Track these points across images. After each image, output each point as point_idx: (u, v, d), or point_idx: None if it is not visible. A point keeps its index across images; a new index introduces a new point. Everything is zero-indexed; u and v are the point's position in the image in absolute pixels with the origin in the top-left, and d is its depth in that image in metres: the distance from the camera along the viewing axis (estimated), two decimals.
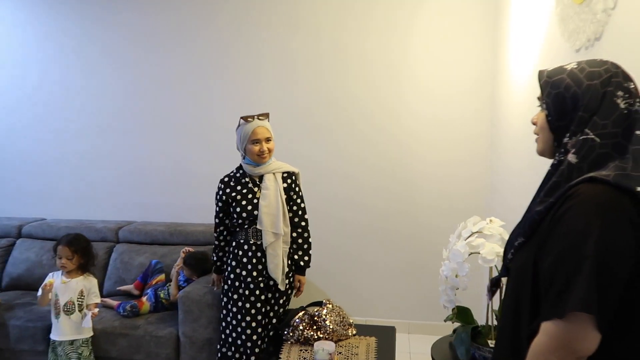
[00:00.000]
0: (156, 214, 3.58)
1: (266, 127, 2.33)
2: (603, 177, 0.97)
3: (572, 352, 0.94)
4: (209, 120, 3.50)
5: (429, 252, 3.32)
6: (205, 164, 3.52)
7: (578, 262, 0.93)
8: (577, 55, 1.73)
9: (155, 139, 3.58)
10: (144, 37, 3.51)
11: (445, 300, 1.71)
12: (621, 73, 1.05)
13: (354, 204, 3.38)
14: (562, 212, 0.99)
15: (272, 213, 2.31)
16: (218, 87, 3.46)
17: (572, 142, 1.05)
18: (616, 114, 1.01)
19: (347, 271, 3.41)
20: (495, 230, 1.73)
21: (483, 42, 3.16)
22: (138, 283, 2.98)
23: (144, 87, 3.55)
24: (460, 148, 3.26)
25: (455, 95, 3.23)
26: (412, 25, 3.22)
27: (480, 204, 3.25)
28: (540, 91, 1.17)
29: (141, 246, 3.28)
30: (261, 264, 2.33)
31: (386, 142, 3.32)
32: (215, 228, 2.48)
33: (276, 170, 2.38)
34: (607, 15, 1.48)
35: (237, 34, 3.40)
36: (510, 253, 1.17)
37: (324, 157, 3.37)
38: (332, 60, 3.32)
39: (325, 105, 3.36)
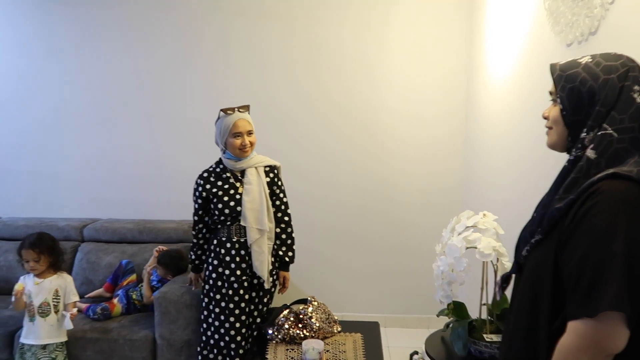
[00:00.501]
0: (123, 210, 3.41)
1: (247, 119, 2.25)
2: (626, 173, 0.96)
3: (602, 350, 0.93)
4: (177, 113, 3.35)
5: (405, 248, 3.34)
6: (175, 158, 3.38)
7: (607, 260, 0.92)
8: (569, 49, 1.74)
9: (120, 133, 3.40)
10: (110, 27, 3.31)
11: (442, 295, 1.69)
12: (637, 67, 1.04)
13: (329, 200, 3.34)
14: (586, 209, 0.98)
15: (256, 209, 2.23)
16: (189, 80, 3.32)
17: (589, 138, 1.04)
18: (633, 108, 1.01)
19: (322, 268, 3.37)
20: (489, 225, 1.73)
21: (458, 40, 3.17)
22: (108, 285, 2.82)
23: (110, 78, 3.36)
24: (435, 144, 3.27)
25: (431, 92, 3.23)
26: (388, 20, 3.19)
27: (456, 200, 3.28)
28: (553, 85, 1.15)
29: (109, 245, 3.11)
30: (245, 262, 2.24)
31: (361, 138, 3.29)
32: (194, 226, 2.37)
33: (258, 164, 2.30)
34: (605, 9, 1.49)
35: (208, 24, 3.27)
36: (526, 250, 1.15)
37: (297, 152, 3.30)
38: (307, 54, 3.25)
39: (298, 100, 3.29)
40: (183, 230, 3.10)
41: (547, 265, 1.06)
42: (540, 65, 1.99)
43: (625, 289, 0.90)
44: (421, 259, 3.31)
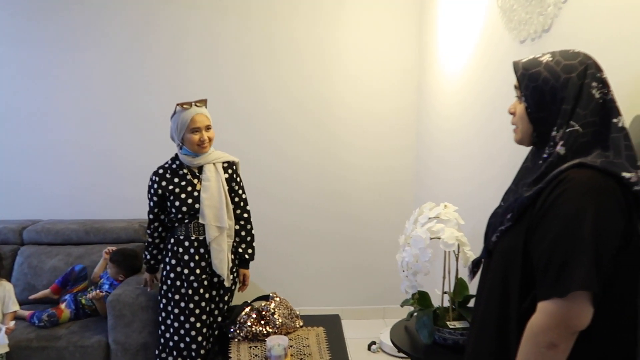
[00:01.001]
0: (67, 210, 3.22)
1: (205, 114, 2.18)
2: (591, 163, 1.02)
3: (570, 327, 0.99)
4: (127, 106, 3.20)
5: (360, 242, 3.38)
6: (124, 153, 3.23)
7: (576, 243, 0.98)
8: (522, 46, 1.82)
9: (63, 126, 3.20)
10: (59, 18, 3.11)
11: (408, 285, 1.73)
12: (594, 64, 1.10)
13: (285, 196, 3.32)
14: (555, 196, 1.03)
15: (214, 206, 2.18)
16: (140, 72, 3.18)
17: (559, 135, 1.09)
18: (593, 103, 1.06)
19: (279, 264, 3.35)
20: (451, 215, 1.78)
21: (410, 36, 3.23)
22: (56, 287, 2.65)
23: (55, 69, 3.15)
24: (389, 139, 3.32)
25: (383, 87, 3.27)
26: (340, 15, 3.20)
27: (409, 194, 3.36)
28: (517, 82, 1.19)
29: (52, 247, 2.93)
30: (204, 260, 2.19)
31: (317, 133, 3.29)
32: (149, 224, 2.28)
33: (216, 160, 2.24)
34: (558, 8, 1.57)
35: (162, 17, 3.13)
36: (495, 236, 1.20)
37: (253, 148, 3.25)
38: (261, 48, 3.20)
39: (253, 94, 3.23)
40: (134, 230, 2.97)
41: (517, 250, 1.11)
42: (494, 61, 2.06)
43: (593, 270, 0.96)
44: (376, 252, 3.37)
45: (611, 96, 1.07)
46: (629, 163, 1.02)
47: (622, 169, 1.01)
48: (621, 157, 1.02)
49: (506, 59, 1.94)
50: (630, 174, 1.01)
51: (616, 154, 1.03)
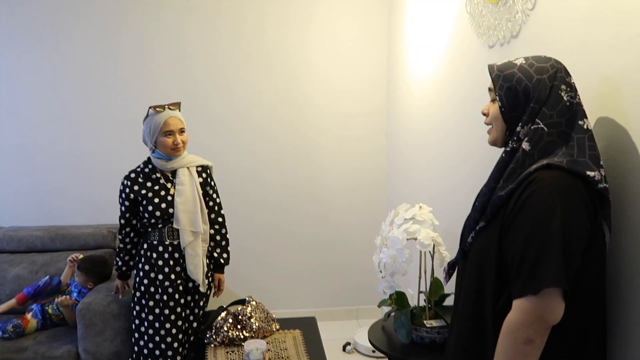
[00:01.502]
0: (30, 216, 3.11)
1: (179, 117, 2.16)
2: (558, 164, 1.08)
3: (545, 323, 1.03)
4: (95, 108, 3.12)
5: (332, 243, 3.40)
6: (90, 156, 3.15)
7: (546, 242, 1.03)
8: (492, 51, 1.88)
9: (25, 128, 3.09)
10: (27, 20, 3.01)
11: (385, 286, 1.75)
12: (563, 69, 1.16)
13: (257, 198, 3.30)
14: (526, 197, 1.08)
15: (189, 210, 2.15)
16: (107, 73, 3.10)
17: (524, 131, 1.15)
18: (560, 105, 1.12)
19: (252, 266, 3.33)
20: (426, 216, 1.82)
21: (378, 39, 3.28)
22: (23, 296, 2.54)
23: (19, 68, 3.05)
24: (360, 142, 3.36)
25: (353, 89, 3.31)
26: (308, 16, 3.21)
27: (380, 196, 3.40)
28: (492, 83, 1.23)
29: (15, 255, 2.82)
30: (179, 265, 2.16)
31: (287, 135, 3.29)
32: (121, 230, 2.23)
33: (190, 164, 2.22)
34: (526, 15, 1.63)
35: (129, 17, 3.08)
36: (471, 237, 1.24)
37: (224, 149, 3.22)
38: (230, 50, 3.18)
39: (223, 96, 3.21)
40: (102, 235, 2.89)
41: (492, 249, 1.16)
42: (464, 64, 2.12)
43: (562, 267, 1.01)
44: (348, 253, 3.40)
45: (578, 100, 1.13)
46: (592, 162, 1.08)
47: (587, 168, 1.07)
48: (585, 156, 1.08)
49: (476, 63, 2.00)
50: (594, 172, 1.07)
51: (580, 153, 1.09)
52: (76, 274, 2.55)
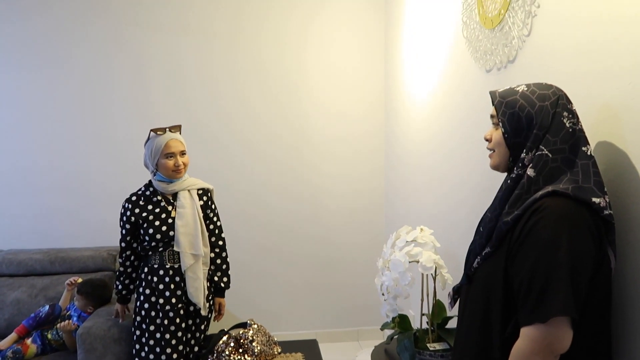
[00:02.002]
0: (29, 238, 3.10)
1: (180, 139, 2.18)
2: (563, 191, 1.09)
3: (553, 352, 1.03)
4: (94, 130, 3.14)
5: (332, 264, 3.40)
6: (89, 178, 3.15)
7: (553, 270, 1.03)
8: (489, 75, 1.91)
9: (25, 151, 3.10)
10: (24, 42, 3.04)
11: (388, 309, 1.75)
12: (564, 96, 1.18)
13: (258, 219, 3.31)
14: (532, 224, 1.09)
15: (190, 233, 2.16)
16: (106, 96, 3.13)
17: (529, 158, 1.16)
18: (563, 132, 1.14)
19: (253, 288, 3.32)
20: (427, 239, 1.83)
21: (376, 61, 3.33)
22: (23, 329, 2.48)
23: (18, 91, 3.07)
24: (358, 163, 3.38)
25: (351, 111, 3.34)
26: (306, 38, 3.26)
27: (379, 217, 3.41)
28: (494, 109, 1.25)
29: (14, 279, 2.81)
30: (180, 289, 2.15)
31: (286, 155, 3.31)
32: (121, 253, 2.23)
33: (191, 186, 2.23)
34: (522, 41, 1.66)
35: (125, 37, 3.12)
36: (477, 262, 1.24)
37: (223, 171, 3.24)
38: (228, 72, 3.22)
39: (222, 118, 3.23)
40: (102, 258, 2.89)
41: (498, 275, 1.16)
42: (461, 88, 2.15)
43: (570, 295, 1.01)
44: (349, 274, 3.40)
45: (580, 126, 1.15)
46: (597, 188, 1.09)
47: (592, 195, 1.08)
48: (590, 182, 1.09)
49: (473, 86, 2.03)
50: (599, 198, 1.08)
51: (585, 179, 1.10)
52: (76, 298, 2.53)
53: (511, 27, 1.71)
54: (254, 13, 3.20)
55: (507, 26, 1.73)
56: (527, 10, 1.60)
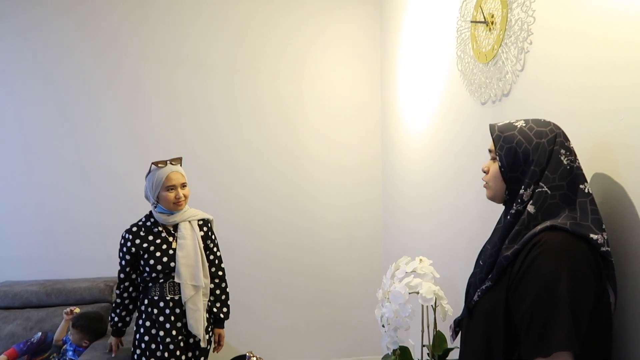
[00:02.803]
0: (25, 270, 3.08)
1: (181, 172, 2.20)
2: (562, 226, 1.11)
3: None
4: (89, 160, 3.15)
5: (330, 296, 3.39)
6: (86, 208, 3.15)
7: (554, 304, 1.04)
8: (484, 107, 1.95)
9: (19, 182, 3.10)
10: (17, 72, 3.08)
11: (389, 342, 1.74)
12: (562, 134, 1.21)
13: (253, 251, 3.30)
14: (531, 258, 1.11)
15: (190, 264, 2.16)
16: (100, 127, 3.15)
17: (527, 194, 1.18)
18: (561, 169, 1.17)
19: (252, 321, 3.29)
20: (427, 270, 1.83)
21: (372, 91, 3.39)
22: (13, 352, 2.47)
23: (12, 122, 3.09)
24: (356, 193, 3.40)
25: (348, 141, 3.38)
26: (303, 69, 3.31)
27: (377, 247, 3.42)
28: (492, 143, 1.29)
29: (9, 312, 2.78)
30: (180, 321, 2.14)
31: (283, 187, 3.33)
32: (119, 284, 2.23)
33: (192, 217, 2.24)
34: (516, 76, 1.71)
35: (118, 69, 3.15)
36: (477, 295, 1.25)
37: (219, 202, 3.23)
38: (223, 102, 3.25)
39: (217, 150, 3.26)
40: (99, 289, 2.87)
41: (499, 309, 1.17)
42: (457, 120, 2.20)
43: (572, 329, 1.03)
44: (347, 305, 3.38)
45: (578, 164, 1.18)
46: (595, 226, 1.11)
47: (590, 231, 1.10)
48: (588, 220, 1.12)
49: (469, 118, 2.08)
50: (597, 235, 1.10)
51: (583, 217, 1.12)
52: (70, 332, 2.51)
53: (505, 62, 1.76)
54: (249, 45, 3.26)
55: (501, 61, 1.78)
56: (520, 46, 1.65)
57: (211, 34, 3.22)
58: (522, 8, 1.63)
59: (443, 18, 2.32)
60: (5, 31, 3.05)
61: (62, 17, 3.09)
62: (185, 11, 3.19)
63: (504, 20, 1.73)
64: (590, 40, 1.31)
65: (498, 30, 1.78)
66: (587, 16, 1.33)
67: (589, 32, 1.32)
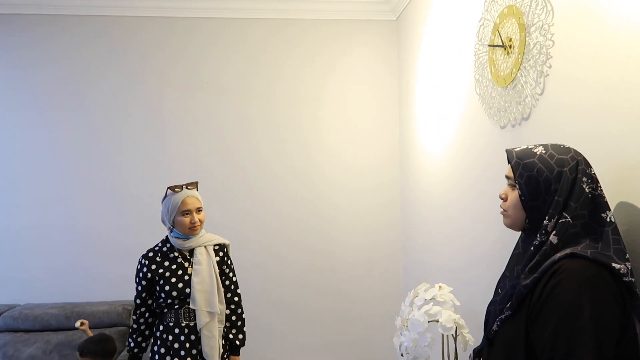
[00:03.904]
0: (45, 293, 3.11)
1: (196, 196, 2.20)
2: (582, 253, 1.07)
3: None
4: (109, 185, 3.20)
5: (349, 318, 3.33)
6: (103, 232, 3.19)
7: (575, 335, 1.00)
8: (503, 131, 1.92)
9: (40, 205, 3.16)
10: (37, 97, 3.17)
11: None
12: (583, 160, 1.17)
13: (271, 273, 3.29)
14: (551, 286, 1.07)
15: (206, 290, 2.14)
16: (119, 151, 3.22)
17: (551, 225, 1.14)
18: (583, 197, 1.12)
19: (268, 342, 3.25)
20: (447, 297, 1.79)
21: (389, 114, 3.39)
22: None
23: (33, 145, 3.17)
24: (374, 215, 3.38)
25: (366, 165, 3.37)
26: (321, 94, 3.33)
27: (396, 268, 3.36)
28: (510, 169, 1.25)
29: (29, 335, 2.81)
30: (195, 347, 2.11)
31: (301, 209, 3.33)
32: (135, 309, 2.22)
33: (207, 242, 2.23)
34: (535, 99, 1.68)
35: (137, 93, 3.22)
36: (496, 325, 1.21)
37: (237, 224, 3.24)
38: (241, 126, 3.28)
39: (235, 172, 3.28)
40: (117, 313, 2.88)
41: (519, 339, 1.13)
42: (476, 143, 2.17)
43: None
44: (364, 328, 3.33)
45: (599, 191, 1.14)
46: (617, 256, 1.07)
47: (612, 260, 1.06)
48: (610, 250, 1.07)
49: (488, 142, 2.05)
50: (620, 265, 1.05)
51: (605, 247, 1.08)
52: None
53: (524, 85, 1.73)
54: (267, 70, 3.30)
55: (520, 85, 1.76)
56: (539, 70, 1.63)
57: (230, 59, 3.28)
58: (540, 32, 1.61)
59: (460, 42, 2.31)
60: (38, 56, 3.16)
61: (89, 44, 3.19)
62: (204, 37, 3.26)
63: (522, 43, 1.71)
64: (611, 60, 1.28)
65: (516, 54, 1.76)
66: (607, 37, 1.30)
67: (608, 52, 1.29)
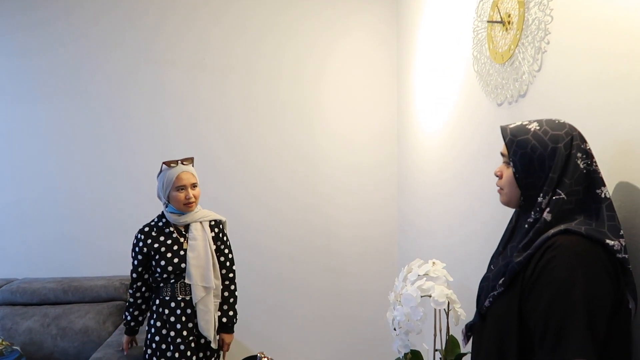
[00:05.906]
0: (43, 267, 3.13)
1: (191, 172, 2.20)
2: (576, 229, 1.07)
3: None
4: (108, 161, 3.19)
5: (345, 295, 3.36)
6: (102, 207, 3.19)
7: (569, 310, 1.01)
8: (500, 109, 1.91)
9: (37, 181, 3.15)
10: (40, 77, 3.14)
11: (400, 345, 1.72)
12: (578, 136, 1.16)
13: (267, 249, 3.30)
14: (545, 262, 1.07)
15: (201, 265, 2.16)
16: (121, 129, 3.19)
17: (545, 202, 1.14)
18: (577, 173, 1.12)
19: (262, 317, 3.29)
20: (440, 272, 1.80)
21: (388, 93, 3.34)
22: None
23: (34, 125, 3.15)
24: (371, 193, 3.37)
25: (364, 141, 3.35)
26: (322, 72, 3.30)
27: (392, 246, 3.39)
28: (504, 147, 1.25)
29: (27, 308, 2.83)
30: (191, 321, 2.14)
31: (298, 186, 3.32)
32: (132, 284, 2.24)
33: (203, 218, 2.24)
34: (533, 76, 1.67)
35: (140, 71, 3.19)
36: (488, 301, 1.22)
37: (237, 202, 3.25)
38: (242, 105, 3.26)
39: (236, 150, 3.27)
40: (114, 288, 2.90)
41: (512, 315, 1.13)
42: (473, 121, 2.16)
43: (588, 337, 0.99)
44: (361, 305, 3.36)
45: (595, 167, 1.13)
46: (611, 233, 1.07)
47: (606, 237, 1.06)
48: (604, 227, 1.07)
49: (485, 119, 2.04)
50: (614, 241, 1.05)
51: (599, 223, 1.08)
52: None
53: (521, 62, 1.72)
54: (269, 50, 3.26)
55: (518, 61, 1.74)
56: (537, 46, 1.61)
57: (232, 39, 3.24)
58: (539, 7, 1.59)
59: (459, 18, 2.28)
60: (40, 41, 3.13)
61: (91, 26, 3.15)
62: (206, 17, 3.21)
63: (520, 19, 1.69)
64: (609, 35, 1.26)
65: (515, 30, 1.74)
66: (606, 13, 1.28)
67: (607, 28, 1.27)
